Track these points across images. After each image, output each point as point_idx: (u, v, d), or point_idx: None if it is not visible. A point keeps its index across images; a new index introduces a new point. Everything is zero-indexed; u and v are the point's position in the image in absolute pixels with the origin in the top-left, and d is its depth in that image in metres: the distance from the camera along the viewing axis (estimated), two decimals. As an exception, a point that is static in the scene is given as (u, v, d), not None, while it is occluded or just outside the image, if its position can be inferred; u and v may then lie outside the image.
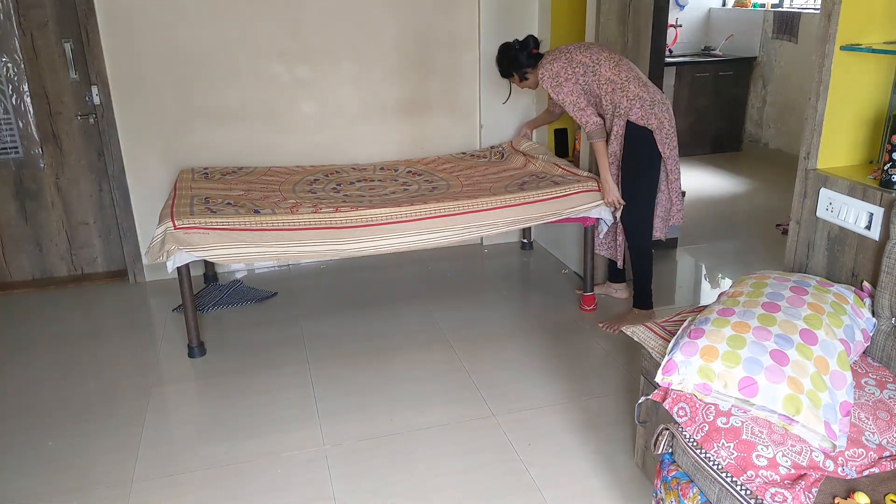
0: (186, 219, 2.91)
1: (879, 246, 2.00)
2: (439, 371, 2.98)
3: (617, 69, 3.10)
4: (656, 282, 3.39)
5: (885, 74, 2.16)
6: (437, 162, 3.94)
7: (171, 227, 2.88)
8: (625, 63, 3.14)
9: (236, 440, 2.55)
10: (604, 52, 3.15)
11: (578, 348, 3.15)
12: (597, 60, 3.12)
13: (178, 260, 2.90)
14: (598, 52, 3.15)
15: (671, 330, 2.12)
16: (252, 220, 2.96)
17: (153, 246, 2.92)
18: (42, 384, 2.95)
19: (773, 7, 6.25)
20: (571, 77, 3.14)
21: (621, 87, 3.08)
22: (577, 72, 3.13)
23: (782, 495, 1.52)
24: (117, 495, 2.28)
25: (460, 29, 4.04)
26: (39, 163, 3.72)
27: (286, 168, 3.85)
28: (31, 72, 3.58)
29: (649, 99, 3.06)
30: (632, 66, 3.16)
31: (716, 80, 6.32)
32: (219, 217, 2.95)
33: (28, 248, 3.86)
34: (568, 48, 3.20)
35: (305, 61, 3.86)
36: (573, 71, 3.14)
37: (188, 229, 2.88)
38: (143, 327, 3.45)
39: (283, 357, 3.12)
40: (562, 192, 3.25)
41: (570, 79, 3.14)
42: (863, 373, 1.89)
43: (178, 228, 2.87)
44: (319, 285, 3.89)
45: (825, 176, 2.18)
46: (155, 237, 2.91)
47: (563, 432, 2.56)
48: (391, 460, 2.43)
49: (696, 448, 1.69)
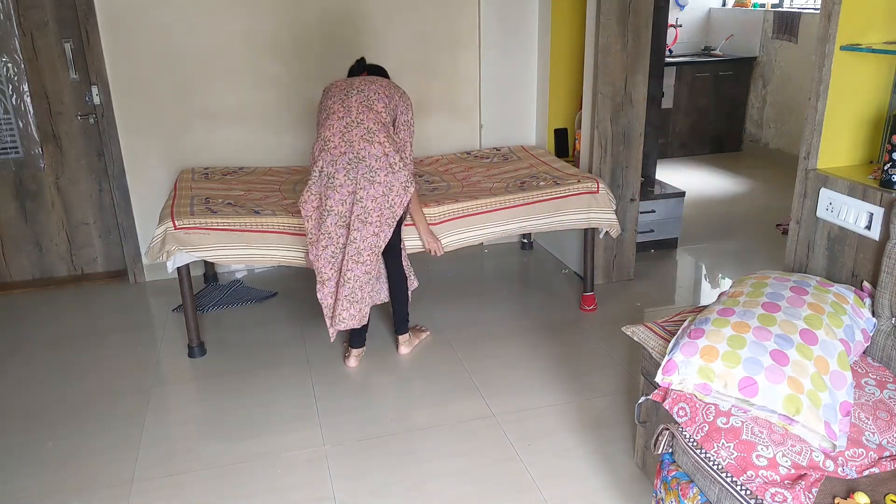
0: (187, 219, 2.91)
1: (879, 246, 2.00)
2: (439, 371, 2.98)
3: None
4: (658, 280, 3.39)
5: (885, 74, 2.16)
6: (439, 163, 3.94)
7: (171, 227, 2.87)
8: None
9: (236, 440, 2.55)
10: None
11: (578, 348, 3.15)
12: None
13: (178, 260, 2.90)
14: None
15: (671, 330, 2.11)
16: (252, 220, 2.96)
17: (153, 246, 2.91)
18: (42, 384, 2.95)
19: (773, 7, 6.25)
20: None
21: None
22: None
23: (782, 495, 1.52)
24: (117, 495, 2.28)
25: (460, 29, 4.04)
26: (39, 163, 3.72)
27: (287, 168, 3.85)
28: (31, 72, 3.58)
29: None
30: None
31: (716, 80, 6.31)
32: (219, 217, 2.95)
33: (28, 249, 3.86)
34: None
35: (305, 61, 3.86)
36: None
37: (188, 229, 2.88)
38: (143, 327, 3.45)
39: (283, 357, 3.12)
40: (563, 192, 3.25)
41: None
42: (863, 373, 1.89)
43: (179, 228, 2.87)
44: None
45: (825, 176, 2.18)
46: (155, 237, 2.91)
47: (563, 432, 2.56)
48: (391, 460, 2.43)
49: (696, 448, 1.69)
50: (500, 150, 4.10)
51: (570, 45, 4.01)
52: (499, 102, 4.19)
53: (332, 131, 2.65)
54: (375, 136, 2.63)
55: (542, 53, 4.09)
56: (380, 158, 2.63)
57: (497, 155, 4.02)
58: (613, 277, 3.82)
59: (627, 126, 3.55)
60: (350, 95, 2.70)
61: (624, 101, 3.50)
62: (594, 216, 3.31)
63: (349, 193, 2.65)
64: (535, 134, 4.30)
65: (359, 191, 2.64)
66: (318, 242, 2.73)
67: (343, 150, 2.62)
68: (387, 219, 2.70)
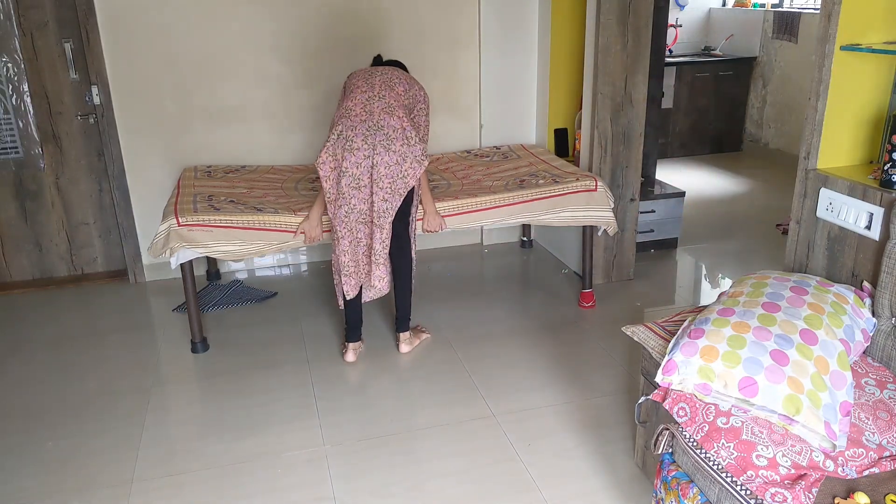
0: (190, 216, 2.93)
1: (879, 246, 2.00)
2: (439, 371, 2.98)
3: None
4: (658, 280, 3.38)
5: (885, 74, 2.16)
6: (440, 161, 3.94)
7: (174, 224, 2.89)
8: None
9: (236, 440, 2.55)
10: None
11: (578, 348, 3.15)
12: None
13: (181, 257, 2.92)
14: None
15: (671, 330, 2.12)
16: (255, 218, 2.97)
17: (156, 242, 2.93)
18: (42, 384, 2.95)
19: (773, 7, 6.25)
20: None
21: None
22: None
23: (782, 495, 1.52)
24: (117, 495, 2.29)
25: (460, 29, 4.04)
26: (39, 163, 3.72)
27: (288, 166, 3.86)
28: (31, 72, 3.58)
29: None
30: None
31: (716, 80, 6.31)
32: (222, 215, 2.96)
33: (28, 249, 3.86)
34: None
35: (305, 61, 3.86)
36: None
37: (192, 226, 2.90)
38: (143, 327, 3.45)
39: (283, 356, 3.12)
40: (561, 190, 3.27)
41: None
42: (863, 373, 1.89)
43: (182, 225, 2.89)
44: (319, 285, 3.89)
45: (825, 176, 2.18)
46: (158, 234, 2.92)
47: (563, 432, 2.56)
48: (391, 460, 2.43)
49: (696, 448, 1.69)
50: (500, 148, 4.10)
51: (570, 45, 4.01)
52: (499, 102, 4.19)
53: (355, 102, 2.77)
54: (395, 111, 2.75)
55: (542, 53, 4.09)
56: (397, 129, 2.73)
57: (497, 153, 4.03)
58: (613, 277, 3.82)
59: (627, 126, 3.55)
60: (374, 76, 2.85)
61: (624, 101, 3.50)
62: (592, 214, 3.32)
63: (364, 157, 2.72)
64: (535, 134, 4.30)
65: (374, 156, 2.71)
66: (336, 201, 2.80)
67: (363, 118, 2.74)
68: (398, 188, 2.76)
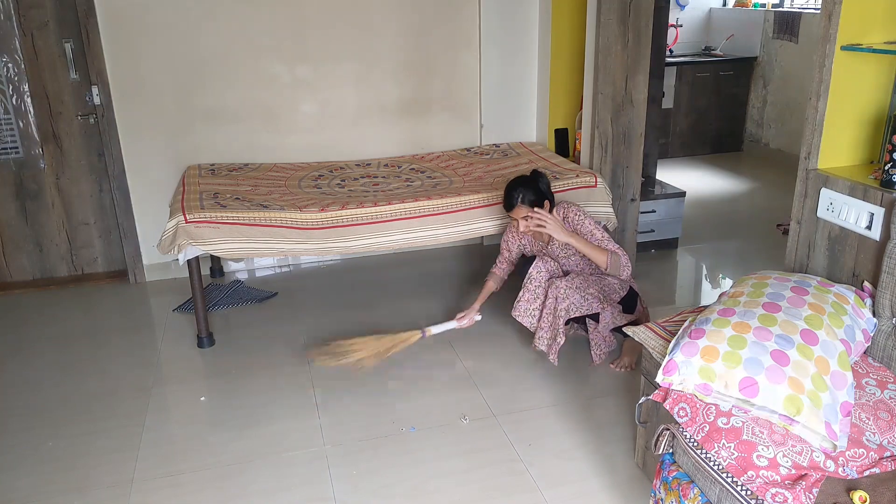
0: (197, 213, 2.95)
1: (880, 246, 1.99)
2: (439, 371, 2.98)
3: None
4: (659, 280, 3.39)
5: (885, 74, 2.16)
6: (441, 159, 3.95)
7: (182, 221, 2.91)
8: None
9: (236, 440, 2.55)
10: None
11: (579, 348, 3.15)
12: None
13: (188, 253, 2.94)
14: None
15: (672, 330, 2.11)
16: (261, 215, 2.98)
17: (164, 239, 2.95)
18: (42, 384, 2.95)
19: (773, 7, 6.25)
20: None
21: None
22: None
23: (783, 495, 1.52)
24: (117, 495, 2.28)
25: (460, 29, 4.04)
26: (40, 163, 3.72)
27: (291, 164, 3.87)
28: (32, 72, 3.58)
29: None
30: None
31: (716, 80, 6.31)
32: (229, 212, 2.98)
33: (28, 249, 3.86)
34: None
35: (306, 61, 3.86)
36: None
37: (199, 223, 2.91)
38: (144, 327, 3.45)
39: (283, 357, 3.12)
40: (561, 186, 3.29)
41: None
42: (863, 373, 1.89)
43: (190, 222, 2.91)
44: (319, 285, 3.89)
45: (826, 176, 2.18)
46: (166, 231, 2.94)
47: (563, 432, 2.55)
48: (391, 460, 2.42)
49: (696, 448, 1.69)
50: (500, 146, 4.12)
51: (571, 44, 4.01)
52: (499, 102, 4.19)
53: None
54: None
55: (543, 53, 4.09)
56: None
57: (497, 151, 4.04)
58: (614, 277, 3.81)
59: (628, 126, 3.55)
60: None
61: (624, 100, 3.50)
62: (592, 210, 3.34)
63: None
64: (535, 133, 4.30)
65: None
66: None
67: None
68: None
